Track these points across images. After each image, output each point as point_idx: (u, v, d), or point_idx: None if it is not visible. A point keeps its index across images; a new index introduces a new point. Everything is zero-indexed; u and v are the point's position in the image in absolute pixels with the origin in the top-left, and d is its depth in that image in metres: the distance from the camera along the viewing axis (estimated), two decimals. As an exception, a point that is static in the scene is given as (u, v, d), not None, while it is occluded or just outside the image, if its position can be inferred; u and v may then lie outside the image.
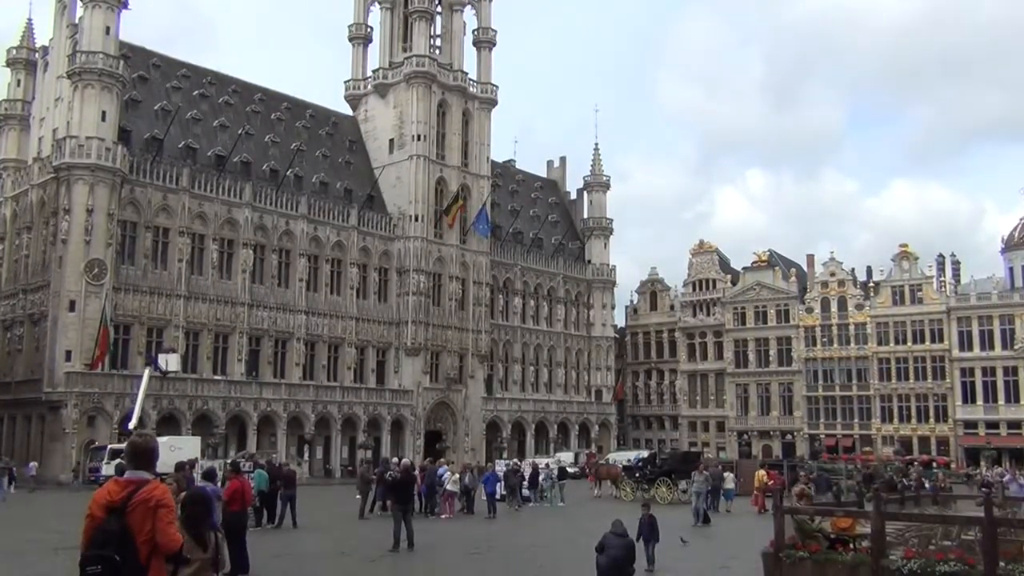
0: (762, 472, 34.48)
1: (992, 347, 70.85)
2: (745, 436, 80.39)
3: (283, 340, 58.16)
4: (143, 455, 5.67)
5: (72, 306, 47.53)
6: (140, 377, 45.66)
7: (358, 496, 28.31)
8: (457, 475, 30.18)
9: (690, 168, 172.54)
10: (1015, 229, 73.55)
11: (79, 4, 52.27)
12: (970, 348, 71.72)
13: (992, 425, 70.05)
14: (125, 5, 51.64)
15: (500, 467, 37.30)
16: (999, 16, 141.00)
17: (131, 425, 41.79)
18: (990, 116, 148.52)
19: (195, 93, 60.56)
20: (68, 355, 47.22)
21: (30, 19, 61.71)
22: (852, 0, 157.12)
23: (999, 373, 70.38)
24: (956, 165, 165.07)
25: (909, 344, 74.32)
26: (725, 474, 33.97)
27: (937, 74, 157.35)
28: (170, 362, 44.62)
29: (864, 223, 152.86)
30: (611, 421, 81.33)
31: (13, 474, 40.18)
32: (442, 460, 33.31)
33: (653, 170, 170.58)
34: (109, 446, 41.81)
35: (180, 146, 56.17)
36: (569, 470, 50.64)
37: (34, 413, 49.31)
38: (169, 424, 49.57)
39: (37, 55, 59.54)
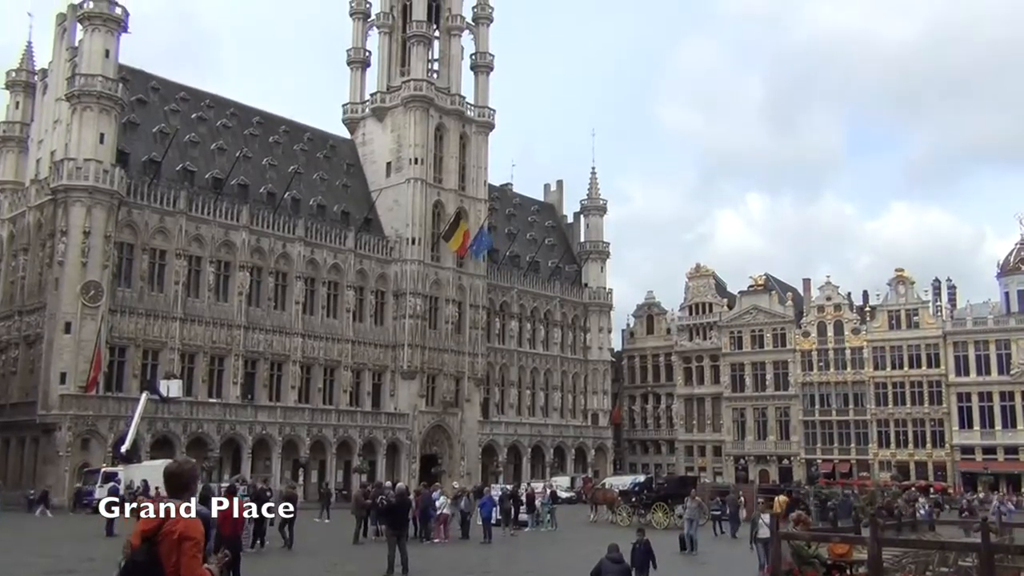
0: (783, 498, 31.09)
1: (989, 372, 70.85)
2: (742, 461, 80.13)
3: (279, 363, 58.01)
4: (177, 482, 5.58)
5: (68, 328, 47.40)
6: (135, 400, 45.76)
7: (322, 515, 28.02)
8: (450, 498, 29.80)
9: (690, 191, 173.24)
10: (1010, 254, 73.76)
11: (79, 27, 52.56)
12: (967, 373, 71.72)
13: (989, 451, 69.93)
14: (125, 28, 51.92)
15: (496, 491, 37.11)
16: (999, 39, 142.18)
17: (124, 448, 41.76)
18: (991, 139, 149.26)
19: (193, 116, 60.77)
20: (63, 377, 47.02)
21: (30, 42, 62.00)
22: (852, 23, 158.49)
23: (996, 398, 70.34)
24: (956, 188, 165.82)
25: (906, 369, 74.31)
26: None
27: (937, 97, 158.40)
28: (171, 388, 44.58)
29: (864, 246, 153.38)
30: (607, 445, 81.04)
31: (48, 498, 40.10)
32: (436, 484, 33.08)
33: (653, 192, 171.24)
34: (102, 469, 41.58)
35: (178, 169, 56.27)
36: (563, 495, 50.49)
37: (28, 436, 49.05)
38: (164, 447, 49.28)
39: (36, 78, 59.78)
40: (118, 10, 51.24)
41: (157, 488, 18.99)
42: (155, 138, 56.61)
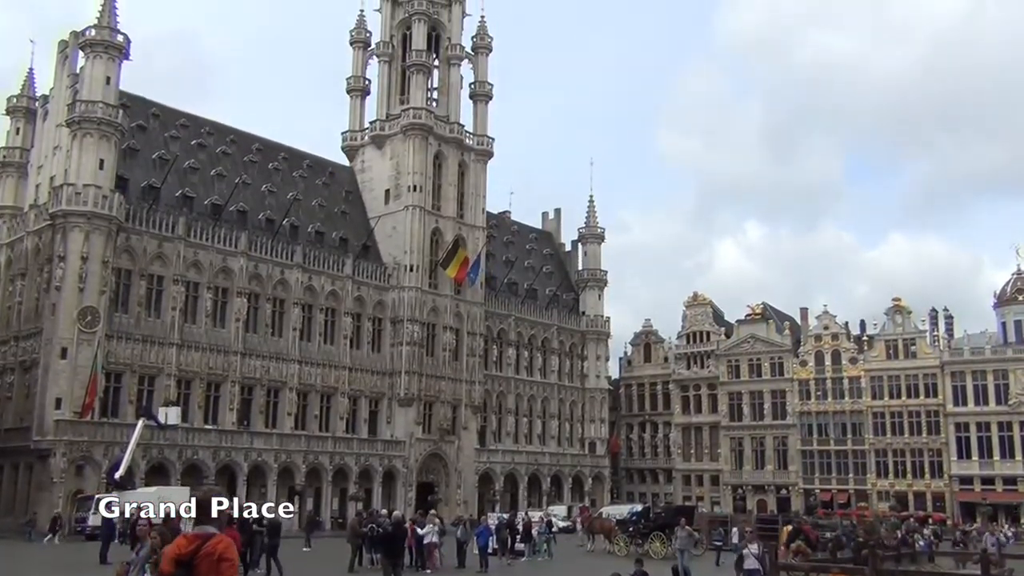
0: (788, 528, 28.53)
1: (986, 402, 70.76)
2: (740, 490, 79.74)
3: (275, 389, 57.83)
4: (208, 509, 5.93)
5: (64, 353, 47.27)
6: (130, 426, 45.53)
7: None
8: (436, 526, 28.97)
9: (688, 218, 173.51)
10: (1007, 284, 73.92)
11: (80, 54, 52.89)
12: (964, 403, 71.62)
13: (988, 481, 69.65)
14: (126, 56, 52.24)
15: (493, 520, 36.88)
16: (998, 68, 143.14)
17: (118, 475, 41.45)
18: (989, 168, 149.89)
19: (193, 142, 61.01)
20: (58, 403, 46.81)
21: (31, 68, 62.33)
22: (850, 52, 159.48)
23: (994, 428, 70.20)
24: (954, 218, 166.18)
25: (903, 399, 74.21)
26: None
27: (935, 126, 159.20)
28: (170, 415, 44.37)
29: (862, 275, 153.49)
30: (605, 474, 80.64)
31: (59, 524, 39.86)
32: (432, 513, 32.81)
33: (652, 220, 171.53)
34: (96, 496, 41.28)
35: (177, 195, 56.40)
36: (561, 523, 50.07)
37: (22, 462, 48.74)
38: (158, 474, 48.99)
39: (37, 104, 60.06)
40: (120, 37, 51.59)
41: (170, 512, 18.93)
42: (155, 164, 56.78)
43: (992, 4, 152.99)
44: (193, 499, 6.07)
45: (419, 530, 28.07)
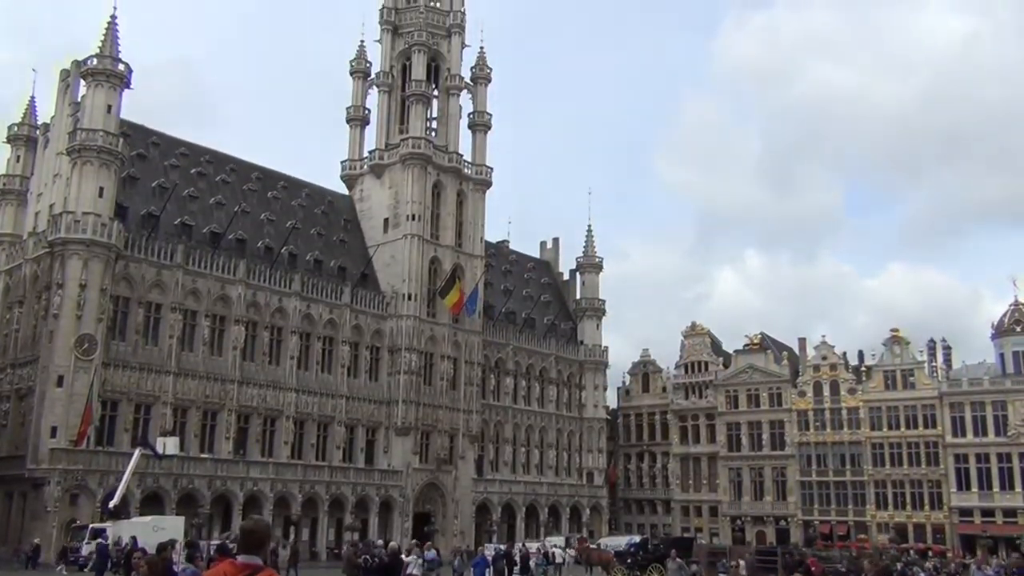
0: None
1: (985, 433, 70.54)
2: (739, 521, 79.24)
3: (272, 418, 57.59)
4: (255, 540, 5.88)
5: (60, 381, 47.09)
6: (125, 455, 45.32)
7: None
8: (419, 557, 28.36)
9: (688, 248, 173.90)
10: (1005, 315, 73.95)
11: (82, 83, 53.19)
12: (963, 434, 71.39)
13: (988, 513, 69.23)
14: (127, 85, 52.53)
15: (490, 551, 36.60)
16: (997, 99, 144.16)
17: (112, 504, 41.20)
18: (988, 200, 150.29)
19: (193, 171, 61.22)
20: (53, 431, 46.56)
21: (33, 97, 62.61)
22: (850, 83, 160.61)
23: (993, 460, 69.92)
24: (954, 248, 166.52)
25: (902, 429, 74.01)
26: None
27: (934, 157, 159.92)
28: (168, 446, 44.17)
29: (862, 305, 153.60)
30: (603, 504, 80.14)
31: (67, 554, 39.51)
32: (429, 544, 32.56)
33: (651, 248, 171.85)
34: (91, 526, 40.98)
35: (176, 223, 56.51)
36: (561, 554, 49.56)
37: (16, 491, 48.45)
38: (153, 503, 48.66)
39: (38, 132, 60.31)
40: (121, 66, 51.92)
41: (174, 542, 18.82)
42: (154, 192, 56.94)
43: (989, 38, 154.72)
44: (241, 529, 6.07)
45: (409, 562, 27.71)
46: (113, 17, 52.28)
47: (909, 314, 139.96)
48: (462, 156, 72.57)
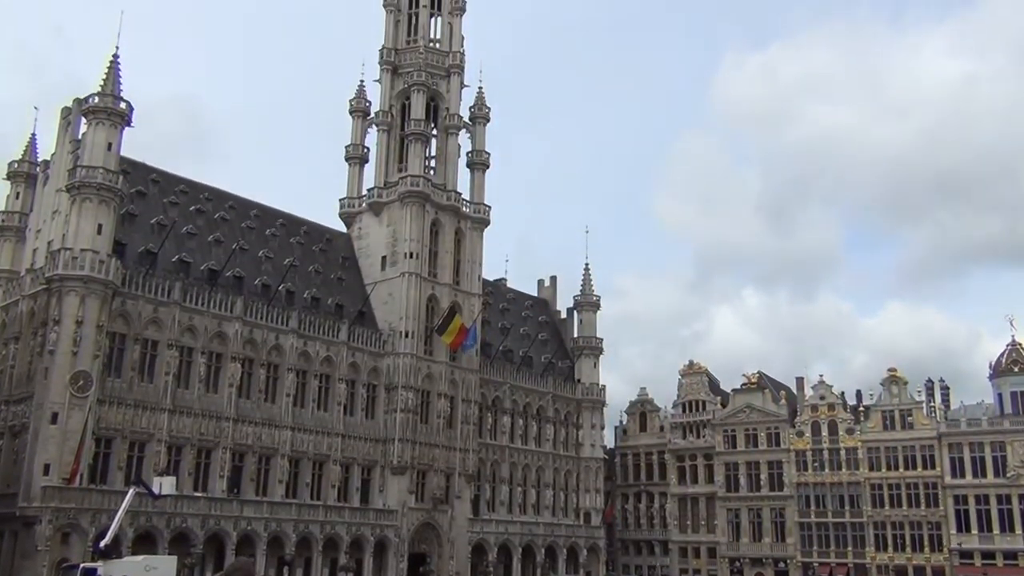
0: None
1: (984, 474, 70.22)
2: (737, 563, 78.46)
3: (267, 456, 57.19)
4: None
5: (55, 418, 46.77)
6: (119, 493, 44.91)
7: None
8: None
9: (686, 286, 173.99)
10: (1002, 355, 73.94)
11: (83, 121, 53.49)
12: (962, 475, 71.06)
13: (988, 555, 68.71)
14: (128, 123, 52.80)
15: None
16: (994, 141, 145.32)
17: (103, 543, 40.69)
18: (987, 239, 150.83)
19: (192, 208, 61.41)
20: (46, 469, 46.13)
21: (34, 134, 62.77)
22: (848, 124, 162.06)
23: (992, 501, 69.54)
24: (952, 288, 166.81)
25: (901, 470, 73.69)
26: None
27: (932, 197, 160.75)
28: (164, 485, 43.74)
29: (861, 344, 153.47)
30: (600, 545, 79.33)
31: None
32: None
33: (649, 287, 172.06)
34: (82, 565, 40.47)
35: (174, 260, 56.56)
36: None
37: (7, 529, 47.88)
38: (145, 542, 48.13)
39: (38, 169, 60.52)
40: (123, 105, 52.20)
41: None
42: (153, 229, 57.08)
43: (986, 81, 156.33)
44: (225, 570, 5.96)
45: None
46: (115, 56, 52.70)
47: (908, 353, 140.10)
48: (460, 194, 72.92)
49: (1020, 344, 73.23)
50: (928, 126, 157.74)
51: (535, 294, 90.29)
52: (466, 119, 75.72)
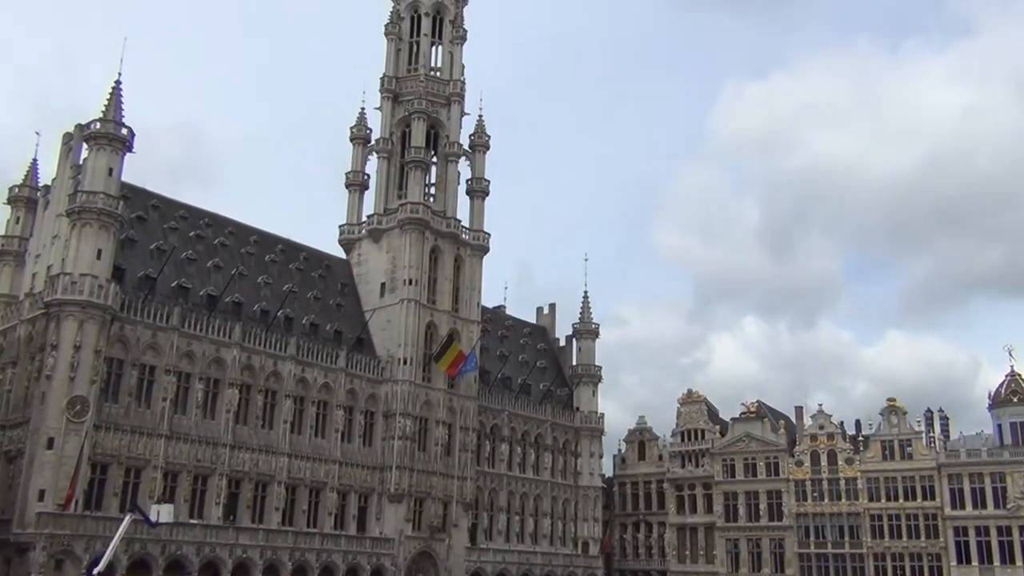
0: None
1: (985, 506, 69.86)
2: (736, 594, 77.85)
3: (264, 483, 56.86)
4: None
5: (50, 444, 46.55)
6: (114, 520, 44.63)
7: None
8: None
9: (686, 314, 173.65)
10: (1001, 386, 73.86)
11: (84, 146, 53.72)
12: (962, 506, 70.69)
13: (989, 588, 68.18)
14: (130, 148, 53.03)
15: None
16: (994, 170, 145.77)
17: (97, 571, 40.37)
18: (988, 269, 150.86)
19: (191, 234, 61.52)
20: (41, 494, 45.85)
21: (35, 159, 62.95)
22: (849, 152, 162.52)
23: (993, 533, 69.14)
24: (953, 317, 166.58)
25: (901, 501, 73.31)
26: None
27: (932, 226, 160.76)
28: (162, 513, 43.47)
29: (861, 373, 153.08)
30: (598, 575, 78.74)
31: None
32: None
33: (649, 315, 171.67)
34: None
35: (173, 285, 56.59)
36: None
37: (1, 555, 47.50)
38: (140, 570, 47.81)
39: (39, 194, 60.69)
40: (124, 131, 52.47)
41: None
42: (152, 255, 57.14)
43: (987, 110, 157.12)
44: None
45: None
46: (118, 82, 53.07)
47: (908, 383, 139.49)
48: (460, 222, 73.12)
49: (1019, 375, 73.19)
50: (928, 155, 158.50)
51: (534, 321, 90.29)
52: (466, 147, 76.11)
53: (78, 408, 47.36)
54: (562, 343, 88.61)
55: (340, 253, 73.55)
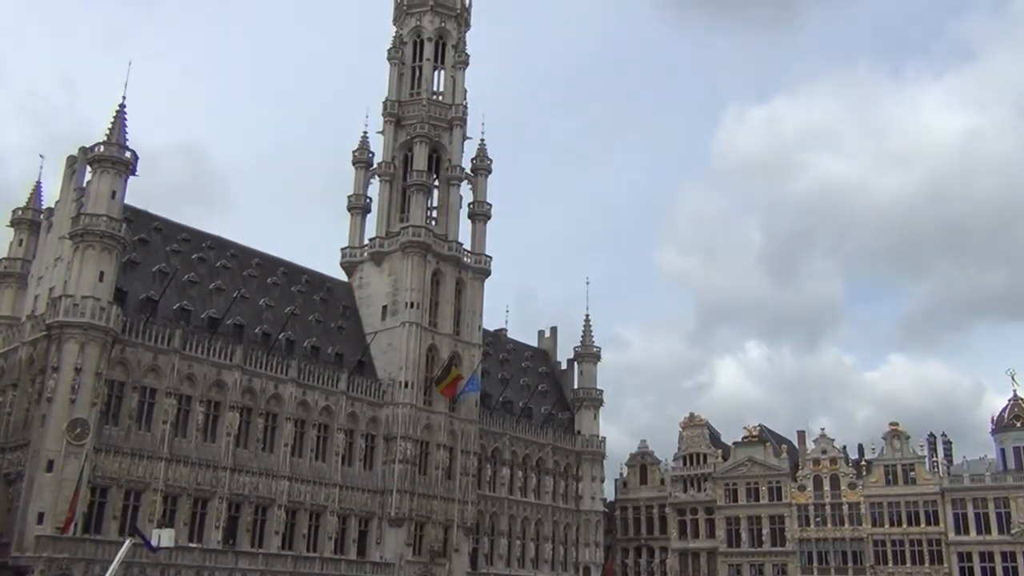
0: None
1: (989, 531, 69.49)
2: (739, 620, 77.24)
3: (264, 507, 56.58)
4: None
5: (50, 466, 46.36)
6: (113, 543, 44.37)
7: None
8: None
9: (688, 337, 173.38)
10: (1004, 410, 73.64)
11: (88, 169, 53.91)
12: (966, 531, 70.30)
13: (995, 615, 67.63)
14: (133, 171, 53.21)
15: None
16: (996, 194, 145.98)
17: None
18: (990, 293, 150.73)
19: (193, 256, 61.60)
20: (40, 518, 45.64)
21: (39, 182, 63.19)
22: (851, 175, 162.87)
23: (997, 559, 68.72)
24: (956, 341, 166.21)
25: (904, 526, 72.90)
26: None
27: (935, 250, 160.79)
28: (163, 538, 43.25)
29: (864, 397, 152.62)
30: (600, 601, 78.27)
31: None
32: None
33: (651, 338, 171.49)
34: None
35: (175, 308, 56.60)
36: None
37: (-2, 579, 47.26)
38: (139, 594, 47.47)
39: (42, 216, 60.88)
40: (128, 154, 52.67)
41: None
42: (154, 277, 57.19)
43: (989, 134, 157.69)
44: None
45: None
46: (122, 105, 53.36)
47: (911, 406, 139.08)
48: (461, 245, 73.25)
49: (1022, 399, 72.98)
50: (931, 179, 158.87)
51: (535, 345, 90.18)
52: (468, 170, 76.38)
53: (78, 431, 47.20)
54: (563, 366, 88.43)
55: (342, 276, 73.64)
